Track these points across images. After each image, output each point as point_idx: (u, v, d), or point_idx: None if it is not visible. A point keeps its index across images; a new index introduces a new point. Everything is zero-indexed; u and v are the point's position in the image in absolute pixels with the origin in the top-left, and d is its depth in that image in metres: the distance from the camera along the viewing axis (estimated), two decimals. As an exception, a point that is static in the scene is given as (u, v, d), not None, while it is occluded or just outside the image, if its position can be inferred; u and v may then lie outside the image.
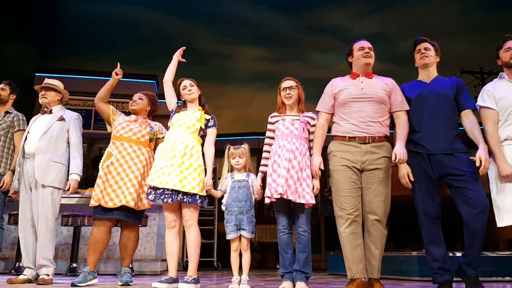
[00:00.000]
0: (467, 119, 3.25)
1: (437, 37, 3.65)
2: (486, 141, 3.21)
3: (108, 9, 23.27)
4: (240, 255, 3.59)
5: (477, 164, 3.10)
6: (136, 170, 3.77)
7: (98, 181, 3.75)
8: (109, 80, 4.01)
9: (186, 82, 3.82)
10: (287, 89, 3.57)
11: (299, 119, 3.53)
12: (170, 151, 3.50)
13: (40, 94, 4.11)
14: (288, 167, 3.31)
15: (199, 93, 3.84)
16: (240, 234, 3.55)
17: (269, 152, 3.56)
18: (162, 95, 3.90)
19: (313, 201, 3.31)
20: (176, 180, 3.39)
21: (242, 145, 3.74)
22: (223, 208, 3.65)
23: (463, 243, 3.15)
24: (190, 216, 3.49)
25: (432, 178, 3.19)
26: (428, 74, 3.43)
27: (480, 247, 3.09)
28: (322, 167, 3.34)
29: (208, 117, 3.76)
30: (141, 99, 4.14)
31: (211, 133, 3.73)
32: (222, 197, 3.72)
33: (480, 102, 3.34)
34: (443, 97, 3.27)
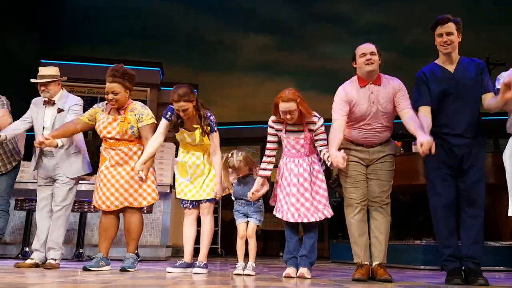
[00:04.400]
0: (487, 99, 3.18)
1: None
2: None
3: (112, -3, 23.17)
4: (246, 242, 3.69)
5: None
6: (131, 171, 3.80)
7: (98, 183, 3.86)
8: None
9: (177, 106, 3.60)
10: (287, 113, 3.36)
11: (303, 134, 3.47)
12: (188, 167, 3.80)
13: (40, 90, 3.97)
14: (298, 196, 3.45)
15: (194, 104, 3.64)
16: (248, 221, 3.68)
17: (270, 156, 3.57)
18: (167, 83, 3.92)
19: (329, 215, 3.47)
20: (200, 191, 3.80)
21: (238, 156, 3.64)
22: (232, 197, 3.81)
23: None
24: (207, 208, 3.85)
25: (451, 165, 3.18)
26: (450, 60, 3.26)
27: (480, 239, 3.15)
28: (344, 161, 3.11)
29: (205, 126, 3.70)
30: (117, 93, 3.73)
31: (213, 139, 3.76)
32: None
33: (497, 85, 3.19)
34: (469, 90, 3.18)
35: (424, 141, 2.91)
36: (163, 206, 6.24)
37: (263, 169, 3.57)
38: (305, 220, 3.42)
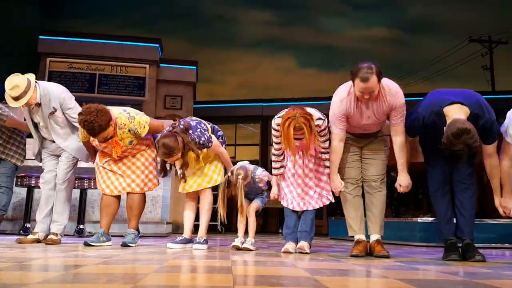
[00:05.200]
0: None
1: (446, 2, 3.53)
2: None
3: (111, -29, 22.78)
4: (246, 220, 3.75)
5: None
6: (137, 161, 3.86)
7: (101, 170, 3.84)
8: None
9: (168, 161, 3.60)
10: (296, 135, 3.23)
11: (313, 159, 3.49)
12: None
13: (25, 108, 3.79)
14: (303, 185, 3.51)
15: (182, 151, 3.46)
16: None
17: (279, 156, 3.55)
18: (166, 60, 3.86)
19: (332, 200, 3.58)
20: (203, 182, 3.78)
21: (239, 174, 3.58)
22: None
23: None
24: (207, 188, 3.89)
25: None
26: None
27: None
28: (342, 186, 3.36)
29: (197, 150, 3.61)
30: (108, 135, 3.53)
31: (214, 150, 3.73)
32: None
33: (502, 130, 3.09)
34: None
35: (403, 185, 3.29)
36: (163, 183, 6.26)
37: (276, 168, 3.61)
38: (310, 208, 3.52)
